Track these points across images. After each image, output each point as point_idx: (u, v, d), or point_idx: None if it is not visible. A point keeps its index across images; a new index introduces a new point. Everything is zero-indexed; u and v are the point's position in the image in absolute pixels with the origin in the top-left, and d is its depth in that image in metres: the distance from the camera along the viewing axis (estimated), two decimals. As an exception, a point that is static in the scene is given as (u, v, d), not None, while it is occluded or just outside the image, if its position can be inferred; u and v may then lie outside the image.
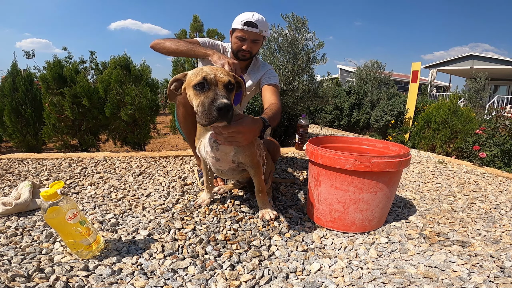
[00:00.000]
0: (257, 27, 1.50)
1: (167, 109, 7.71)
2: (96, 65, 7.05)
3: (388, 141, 1.78)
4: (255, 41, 1.55)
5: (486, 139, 2.66)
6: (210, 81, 0.96)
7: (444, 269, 0.94)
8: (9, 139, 2.99)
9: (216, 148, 1.15)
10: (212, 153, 1.17)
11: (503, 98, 11.79)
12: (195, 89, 0.97)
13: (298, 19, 2.88)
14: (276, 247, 1.07)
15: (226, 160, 1.19)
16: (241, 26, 1.49)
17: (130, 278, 0.85)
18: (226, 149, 1.15)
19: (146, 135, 3.07)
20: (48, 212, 0.87)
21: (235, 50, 1.57)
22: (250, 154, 1.18)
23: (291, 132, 3.40)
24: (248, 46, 1.53)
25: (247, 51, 1.55)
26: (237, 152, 1.16)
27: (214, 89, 0.95)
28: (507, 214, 1.42)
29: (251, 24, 1.48)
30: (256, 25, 1.49)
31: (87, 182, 1.68)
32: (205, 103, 0.93)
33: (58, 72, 2.83)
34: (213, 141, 1.14)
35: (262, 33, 1.53)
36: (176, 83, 1.10)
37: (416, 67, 4.33)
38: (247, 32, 1.50)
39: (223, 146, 1.14)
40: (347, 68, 19.72)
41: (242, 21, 1.49)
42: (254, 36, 1.52)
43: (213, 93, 0.94)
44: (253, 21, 1.48)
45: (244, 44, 1.53)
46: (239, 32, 1.51)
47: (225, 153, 1.17)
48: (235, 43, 1.56)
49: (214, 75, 0.97)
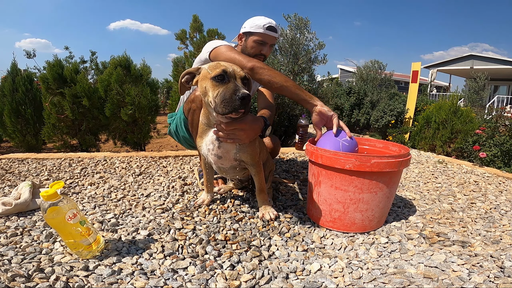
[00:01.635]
0: (277, 31, 1.51)
1: (167, 109, 7.71)
2: (96, 65, 7.05)
3: (388, 141, 1.78)
4: (272, 46, 1.56)
5: (486, 139, 2.67)
6: (230, 74, 1.02)
7: (444, 269, 0.94)
8: (9, 139, 2.99)
9: (218, 146, 1.17)
10: (214, 151, 1.19)
11: (503, 98, 11.80)
12: (214, 81, 1.02)
13: (300, 19, 2.89)
14: (276, 247, 1.07)
15: (228, 158, 1.21)
16: (263, 30, 1.47)
17: (130, 278, 0.85)
18: (228, 147, 1.17)
19: (146, 135, 3.07)
20: (48, 212, 0.87)
21: (252, 54, 1.53)
22: (251, 152, 1.20)
23: (291, 132, 3.40)
24: (267, 50, 1.53)
25: (263, 55, 1.54)
26: (238, 149, 1.18)
27: (233, 82, 1.02)
28: (507, 214, 1.42)
29: (273, 29, 1.49)
30: (276, 30, 1.51)
31: (87, 182, 1.68)
32: (226, 93, 0.99)
33: (58, 72, 2.83)
34: (215, 138, 1.16)
35: (278, 38, 1.56)
36: (188, 76, 1.14)
37: (416, 67, 4.33)
38: (269, 36, 1.49)
39: (225, 143, 1.16)
40: (347, 68, 19.72)
41: (264, 25, 1.47)
42: (273, 41, 1.53)
43: (234, 84, 1.01)
44: (275, 26, 1.49)
45: (264, 48, 1.52)
46: (260, 36, 1.49)
47: (227, 151, 1.18)
48: (252, 47, 1.51)
49: (232, 69, 1.04)
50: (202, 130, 1.22)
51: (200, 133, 1.24)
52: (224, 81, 1.02)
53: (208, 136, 1.19)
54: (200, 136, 1.24)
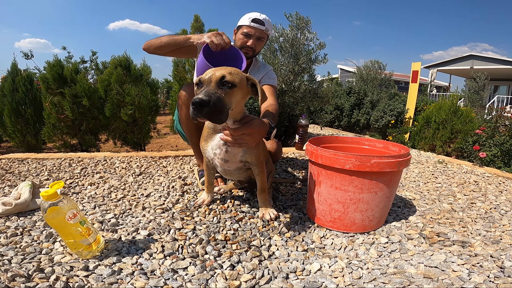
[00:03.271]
0: (263, 24, 1.55)
1: (167, 109, 7.71)
2: (96, 65, 7.05)
3: (388, 141, 1.78)
4: (260, 39, 1.59)
5: (486, 139, 2.67)
6: (204, 81, 0.99)
7: (444, 269, 0.94)
8: (9, 139, 2.99)
9: (225, 150, 1.19)
10: (221, 155, 1.21)
11: (503, 98, 11.80)
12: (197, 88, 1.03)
13: (301, 18, 2.88)
14: (276, 247, 1.07)
15: (234, 161, 1.23)
16: (248, 22, 1.54)
17: (130, 278, 0.85)
18: (235, 151, 1.19)
19: (146, 135, 3.07)
20: (48, 212, 0.87)
21: (239, 47, 1.59)
22: (256, 153, 1.22)
23: (291, 132, 3.40)
24: (253, 42, 1.57)
25: (251, 47, 1.58)
26: (245, 152, 1.20)
27: (204, 87, 0.97)
28: (507, 214, 1.42)
29: (259, 21, 1.54)
30: (263, 22, 1.54)
31: (87, 182, 1.68)
32: None
33: (58, 72, 2.83)
34: (223, 143, 1.17)
35: (267, 32, 1.58)
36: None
37: (416, 67, 4.33)
38: (254, 28, 1.54)
39: (232, 148, 1.17)
40: (347, 68, 19.73)
41: (250, 18, 1.54)
42: (260, 33, 1.57)
43: (200, 91, 0.97)
44: (261, 19, 1.54)
45: (250, 40, 1.56)
46: (246, 28, 1.55)
47: (233, 155, 1.20)
48: (239, 39, 1.59)
49: (210, 74, 0.99)
50: (208, 134, 1.23)
51: (205, 136, 1.25)
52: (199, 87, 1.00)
53: (214, 141, 1.20)
54: (205, 140, 1.25)
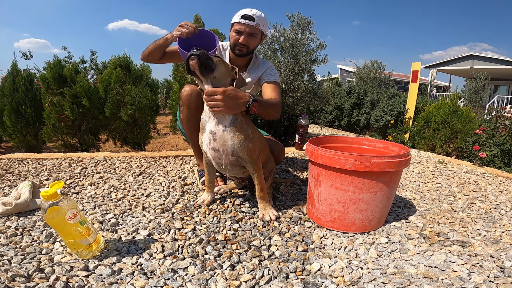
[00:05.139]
0: (254, 20, 1.50)
1: (167, 109, 7.71)
2: (96, 65, 7.05)
3: (388, 141, 1.78)
4: (252, 35, 1.54)
5: (486, 139, 2.67)
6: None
7: (444, 269, 0.94)
8: (9, 139, 3.00)
9: (213, 138, 1.21)
10: (210, 145, 1.22)
11: (503, 98, 11.79)
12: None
13: (303, 18, 2.88)
14: (276, 247, 1.07)
15: (225, 153, 1.23)
16: (238, 19, 1.51)
17: (130, 278, 0.85)
18: (223, 138, 1.20)
19: (146, 135, 3.08)
20: (48, 212, 0.87)
21: (232, 45, 1.58)
22: (248, 148, 1.21)
23: (291, 132, 3.40)
24: (244, 39, 1.53)
25: (243, 44, 1.54)
26: (234, 142, 1.19)
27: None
28: (507, 214, 1.42)
29: (248, 17, 1.49)
30: (253, 18, 1.49)
31: (87, 182, 1.68)
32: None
33: (58, 72, 2.83)
34: (209, 131, 1.21)
35: (259, 27, 1.53)
36: None
37: (416, 67, 4.33)
38: (244, 24, 1.51)
39: (221, 134, 1.19)
40: (347, 68, 19.73)
41: (240, 14, 1.51)
42: (251, 30, 1.52)
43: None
44: (250, 15, 1.49)
45: (241, 37, 1.53)
46: (237, 26, 1.52)
47: (223, 142, 1.20)
48: (232, 37, 1.57)
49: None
50: (202, 127, 1.26)
51: (201, 129, 1.28)
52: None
53: (206, 131, 1.23)
54: (200, 132, 1.28)
